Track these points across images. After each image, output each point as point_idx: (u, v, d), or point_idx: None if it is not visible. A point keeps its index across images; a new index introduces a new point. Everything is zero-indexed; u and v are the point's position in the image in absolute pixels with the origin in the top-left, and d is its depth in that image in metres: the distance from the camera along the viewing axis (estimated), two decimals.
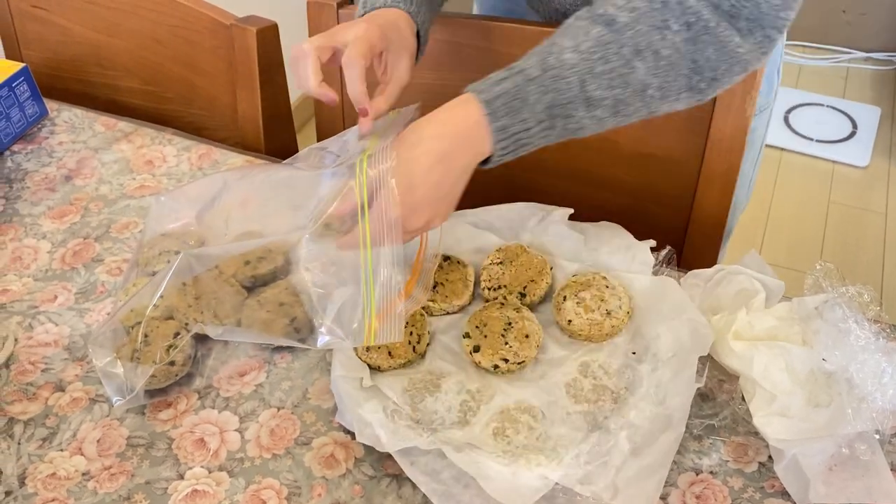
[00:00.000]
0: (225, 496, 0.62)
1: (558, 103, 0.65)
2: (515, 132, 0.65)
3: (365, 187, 0.64)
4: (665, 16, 0.64)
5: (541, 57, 0.65)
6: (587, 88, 0.64)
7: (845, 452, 0.61)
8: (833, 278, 0.68)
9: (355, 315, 0.63)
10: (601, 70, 0.64)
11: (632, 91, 0.65)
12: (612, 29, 0.65)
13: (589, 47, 0.64)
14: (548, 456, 0.61)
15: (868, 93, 2.56)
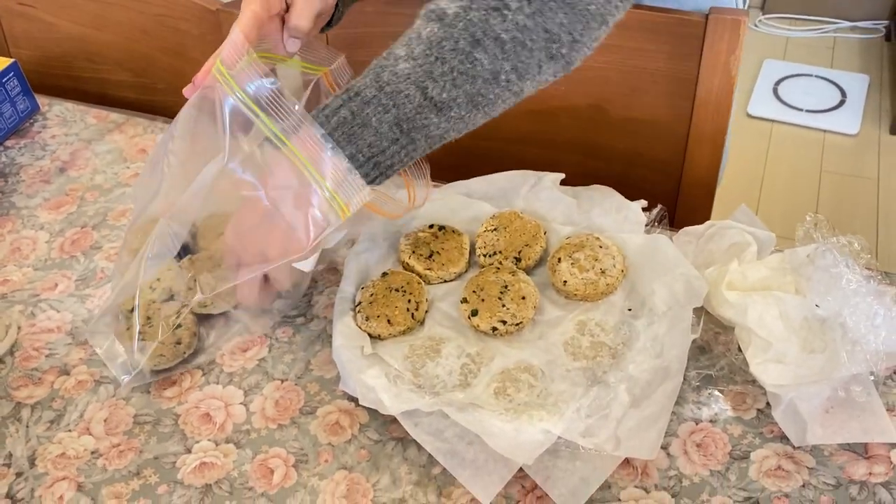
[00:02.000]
0: (233, 467, 0.63)
1: (405, 117, 0.62)
2: (366, 157, 0.63)
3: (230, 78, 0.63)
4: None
5: (375, 74, 0.62)
6: (430, 94, 0.61)
7: (841, 395, 0.62)
8: (824, 229, 0.69)
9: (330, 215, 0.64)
10: (440, 72, 0.60)
11: (483, 81, 0.61)
12: (444, 24, 0.61)
13: (423, 51, 0.61)
14: (549, 411, 0.62)
15: (856, 61, 2.57)
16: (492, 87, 0.62)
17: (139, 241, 0.73)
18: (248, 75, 0.63)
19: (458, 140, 0.81)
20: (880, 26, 2.65)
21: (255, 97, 0.63)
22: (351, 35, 1.01)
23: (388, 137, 0.62)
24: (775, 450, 0.62)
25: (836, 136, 2.29)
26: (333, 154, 0.62)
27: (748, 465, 0.61)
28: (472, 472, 0.59)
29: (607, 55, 0.93)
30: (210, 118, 0.66)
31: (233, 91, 0.63)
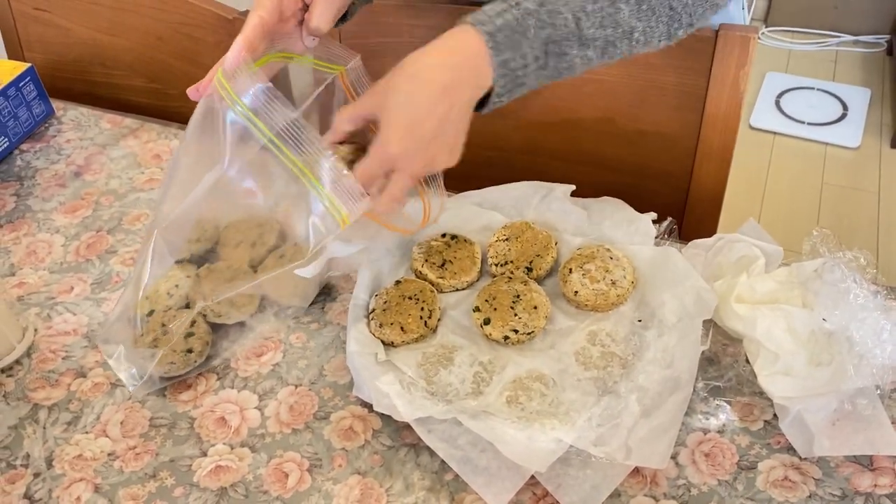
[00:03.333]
0: (248, 470, 0.64)
1: (554, 39, 0.63)
2: (514, 67, 0.63)
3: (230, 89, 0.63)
4: None
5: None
6: (581, 26, 0.63)
7: (847, 408, 0.63)
8: (830, 243, 0.71)
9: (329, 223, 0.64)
10: (591, 9, 0.63)
11: (621, 32, 0.65)
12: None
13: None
14: (561, 420, 0.63)
15: (857, 75, 2.59)
16: (623, 41, 0.65)
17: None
18: (244, 84, 0.63)
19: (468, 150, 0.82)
20: (882, 41, 2.67)
21: (253, 106, 0.63)
22: (365, 45, 1.02)
23: (534, 53, 0.63)
24: (782, 460, 0.63)
25: (838, 149, 2.31)
26: (333, 162, 0.62)
27: (755, 476, 0.62)
28: (485, 478, 0.60)
29: (618, 68, 0.95)
30: (213, 126, 0.67)
31: (232, 102, 0.64)
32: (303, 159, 0.63)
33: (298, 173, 0.63)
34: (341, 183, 0.63)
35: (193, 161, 0.70)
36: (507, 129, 1.02)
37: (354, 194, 0.63)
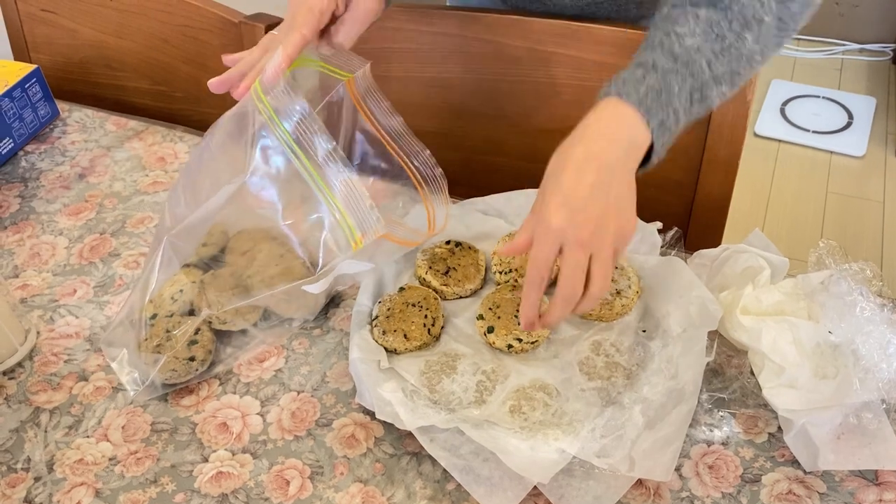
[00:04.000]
0: (249, 477, 0.64)
1: (696, 87, 0.66)
2: (670, 125, 0.65)
3: (269, 106, 0.64)
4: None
5: (665, 49, 0.65)
6: (714, 68, 0.66)
7: (852, 421, 0.63)
8: (836, 255, 0.70)
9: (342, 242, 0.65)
10: (720, 48, 0.66)
11: (745, 61, 0.67)
12: (718, 7, 0.66)
13: (703, 29, 0.66)
14: (564, 430, 0.62)
15: (863, 83, 2.59)
16: (746, 66, 0.68)
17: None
18: (284, 102, 0.64)
19: (473, 157, 0.83)
20: (888, 49, 2.67)
21: (294, 134, 0.64)
22: (370, 50, 1.02)
23: (684, 106, 0.65)
24: (787, 474, 0.62)
25: (843, 158, 2.30)
26: (354, 184, 0.63)
27: (759, 489, 0.61)
28: (487, 488, 0.59)
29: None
30: (242, 133, 0.67)
31: (271, 122, 0.65)
32: (326, 179, 0.64)
33: (316, 189, 0.64)
34: (358, 205, 0.63)
35: (217, 166, 0.71)
36: (513, 136, 1.02)
37: (371, 218, 0.63)
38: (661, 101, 0.64)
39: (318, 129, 0.64)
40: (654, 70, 0.64)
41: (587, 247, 0.60)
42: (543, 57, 0.94)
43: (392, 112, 0.73)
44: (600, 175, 0.61)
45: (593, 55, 0.94)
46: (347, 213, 0.63)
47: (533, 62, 0.96)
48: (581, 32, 0.93)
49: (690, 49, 0.65)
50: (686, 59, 0.65)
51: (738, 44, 0.66)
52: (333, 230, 0.64)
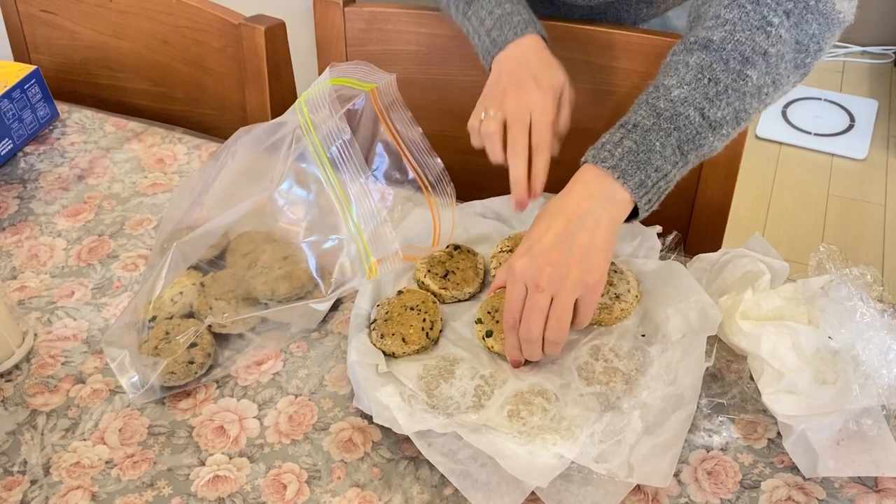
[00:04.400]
0: (246, 481, 0.63)
1: (685, 139, 0.64)
2: (654, 182, 0.64)
3: (312, 127, 0.65)
4: (763, 13, 0.64)
5: (649, 105, 0.65)
6: (707, 115, 0.64)
7: (852, 427, 0.62)
8: (836, 260, 0.70)
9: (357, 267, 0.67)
10: (714, 92, 0.64)
11: (749, 97, 0.65)
12: (710, 50, 0.65)
13: (694, 76, 0.64)
14: (563, 436, 0.62)
15: (865, 86, 2.58)
16: (754, 101, 0.66)
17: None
18: (329, 126, 0.66)
19: (472, 159, 0.82)
20: (890, 52, 2.66)
21: (331, 158, 0.66)
22: (369, 52, 1.02)
23: (670, 161, 0.64)
24: (786, 480, 0.62)
25: (844, 161, 2.30)
26: (382, 218, 0.65)
27: (758, 495, 0.61)
28: (485, 493, 0.59)
29: (624, 79, 0.94)
30: (275, 145, 0.69)
31: (312, 144, 0.67)
32: (353, 209, 0.66)
33: (341, 209, 0.66)
34: (380, 237, 0.65)
35: (243, 174, 0.73)
36: None
37: (389, 251, 0.65)
38: (640, 160, 0.63)
39: (356, 156, 0.65)
40: (634, 130, 0.64)
41: (545, 290, 0.63)
42: None
43: (412, 123, 0.73)
44: (568, 226, 0.63)
45: (592, 57, 0.93)
46: (369, 245, 0.65)
47: None
48: (581, 34, 0.93)
49: (676, 101, 0.64)
50: (670, 114, 0.64)
51: (739, 83, 0.64)
52: (351, 256, 0.66)
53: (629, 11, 0.93)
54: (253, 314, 0.72)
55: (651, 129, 0.64)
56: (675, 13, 0.98)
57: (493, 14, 0.78)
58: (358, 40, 1.01)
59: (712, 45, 0.65)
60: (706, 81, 0.64)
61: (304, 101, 0.68)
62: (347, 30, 1.01)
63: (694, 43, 0.66)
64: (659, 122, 0.64)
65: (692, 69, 0.65)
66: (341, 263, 0.66)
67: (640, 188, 0.64)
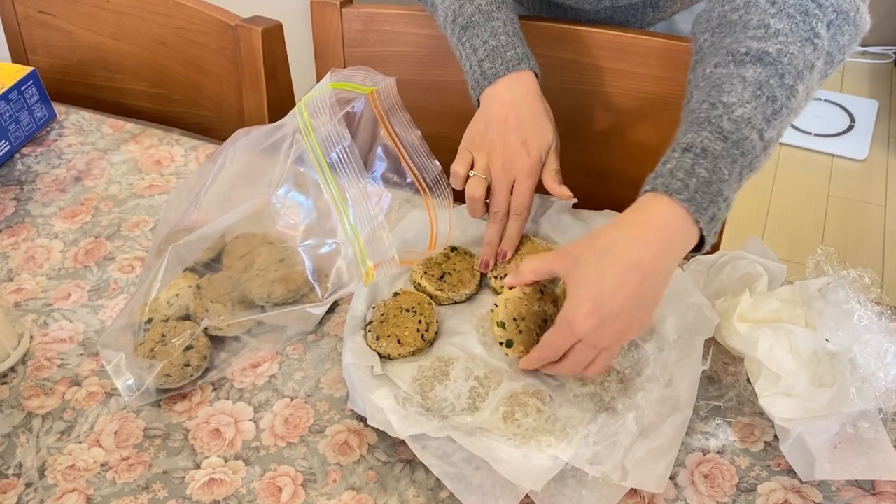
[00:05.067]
0: (241, 484, 0.63)
1: (746, 164, 0.60)
2: (721, 215, 0.60)
3: (311, 131, 0.65)
4: (811, 24, 0.61)
5: (713, 125, 0.60)
6: (765, 136, 0.60)
7: (849, 431, 0.62)
8: (834, 262, 0.70)
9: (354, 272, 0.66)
10: (772, 111, 0.60)
11: (794, 114, 0.62)
12: (765, 63, 0.61)
13: (753, 93, 0.60)
14: (557, 437, 0.62)
15: (865, 86, 2.58)
16: (791, 117, 0.62)
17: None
18: (329, 131, 0.66)
19: None
20: (890, 52, 2.66)
21: (331, 162, 0.66)
22: (367, 53, 1.02)
23: (734, 189, 0.60)
24: (783, 483, 0.62)
25: (844, 161, 2.30)
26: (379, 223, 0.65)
27: (755, 498, 0.61)
28: (479, 497, 0.59)
29: (622, 81, 0.94)
30: (275, 148, 0.69)
31: (312, 149, 0.66)
32: (350, 213, 0.66)
33: (340, 216, 0.66)
34: (376, 241, 0.65)
35: (240, 177, 0.73)
36: None
37: (386, 256, 0.65)
38: (712, 191, 0.58)
39: (355, 161, 0.65)
40: (703, 156, 0.59)
41: (601, 349, 0.61)
42: (546, 62, 0.94)
43: (411, 126, 0.73)
44: (642, 287, 0.58)
45: (599, 61, 0.93)
46: (366, 250, 0.65)
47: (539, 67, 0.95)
48: (588, 38, 0.92)
49: (740, 122, 0.59)
50: (737, 138, 0.59)
51: (790, 101, 0.60)
52: (348, 261, 0.66)
53: (636, 16, 0.93)
54: (249, 318, 0.72)
55: (721, 155, 0.59)
56: (681, 17, 0.97)
57: (487, 45, 0.75)
58: (355, 41, 1.01)
59: (767, 57, 0.60)
60: (765, 99, 0.60)
61: (304, 104, 0.68)
62: (345, 31, 1.00)
63: (746, 55, 0.61)
64: (727, 146, 0.59)
65: (750, 85, 0.60)
66: (338, 268, 0.66)
67: (711, 223, 0.59)
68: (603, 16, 0.93)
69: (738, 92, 0.60)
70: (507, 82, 0.75)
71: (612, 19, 0.93)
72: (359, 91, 0.74)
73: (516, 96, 0.74)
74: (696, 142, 0.60)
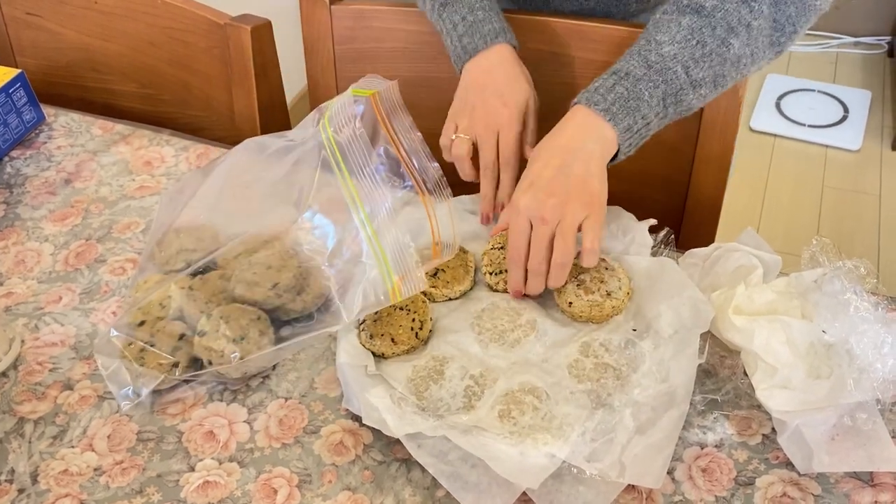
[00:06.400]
0: (236, 486, 0.63)
1: (670, 93, 0.70)
2: (638, 128, 0.70)
3: (335, 146, 0.66)
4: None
5: (641, 56, 0.70)
6: (691, 73, 0.69)
7: (847, 422, 0.62)
8: (829, 252, 0.69)
9: (379, 287, 0.66)
10: (700, 54, 0.69)
11: (729, 65, 0.70)
12: (702, 15, 0.70)
13: (684, 36, 0.70)
14: (554, 435, 0.61)
15: (858, 77, 2.58)
16: (732, 69, 0.71)
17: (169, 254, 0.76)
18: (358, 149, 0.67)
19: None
20: (883, 42, 2.66)
21: (359, 188, 0.66)
22: (358, 49, 1.01)
23: (654, 111, 0.70)
24: (781, 476, 0.61)
25: (839, 152, 2.30)
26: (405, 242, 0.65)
27: (753, 492, 0.60)
28: (475, 495, 0.59)
29: None
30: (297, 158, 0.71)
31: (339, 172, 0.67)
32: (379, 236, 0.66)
33: (368, 240, 0.66)
34: (405, 261, 0.65)
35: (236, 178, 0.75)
36: None
37: (414, 277, 0.65)
38: (629, 106, 0.69)
39: (382, 183, 0.66)
40: (626, 78, 0.69)
41: (550, 220, 0.67)
42: (533, 56, 0.94)
43: (412, 129, 0.74)
44: (565, 158, 0.68)
45: (583, 53, 0.93)
46: (393, 270, 0.66)
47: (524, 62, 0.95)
48: (571, 30, 0.92)
49: (667, 56, 0.69)
50: (660, 67, 0.69)
51: (722, 49, 0.69)
52: (374, 281, 0.66)
53: (619, 7, 0.93)
54: (270, 350, 0.69)
55: (641, 78, 0.69)
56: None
57: (465, 20, 0.81)
58: (345, 38, 1.01)
59: (703, 10, 0.69)
60: (694, 43, 0.69)
61: (328, 120, 0.68)
62: (334, 28, 1.00)
63: (687, 6, 0.71)
64: (649, 73, 0.69)
65: (683, 29, 0.69)
66: (363, 290, 0.66)
67: (626, 132, 0.69)
68: (586, 8, 0.93)
69: (671, 33, 0.70)
70: (485, 54, 0.80)
71: (594, 11, 0.94)
72: (361, 94, 0.74)
73: (493, 62, 0.80)
74: (622, 67, 0.71)
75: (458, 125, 0.80)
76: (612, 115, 0.68)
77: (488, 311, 0.72)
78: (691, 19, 0.70)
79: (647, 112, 0.69)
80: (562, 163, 0.68)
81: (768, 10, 0.70)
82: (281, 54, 1.04)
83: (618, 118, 0.69)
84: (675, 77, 0.69)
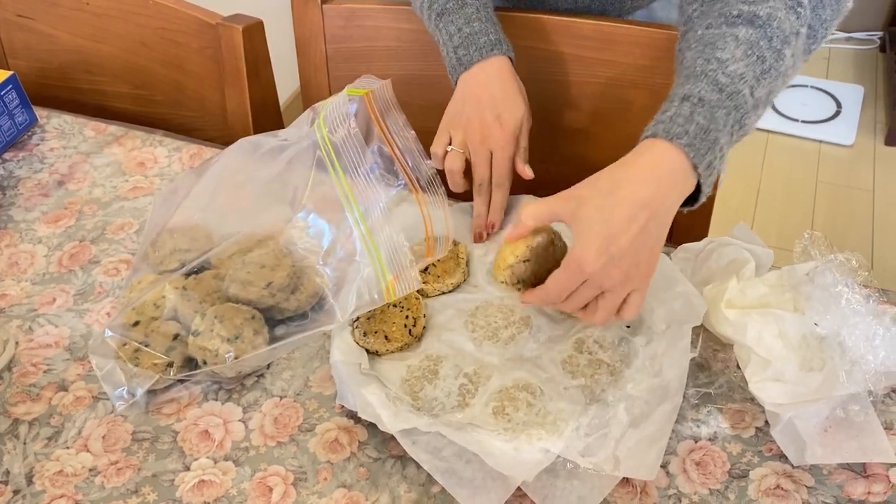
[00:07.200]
0: (232, 485, 0.63)
1: (738, 119, 0.62)
2: (716, 165, 0.62)
3: (330, 146, 0.66)
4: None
5: (709, 78, 0.62)
6: (755, 93, 0.62)
7: (839, 414, 0.62)
8: (821, 246, 0.70)
9: (373, 286, 0.66)
10: (761, 70, 0.62)
11: (781, 80, 0.64)
12: (756, 25, 0.63)
13: (744, 52, 0.62)
14: (548, 430, 0.62)
15: (851, 72, 2.59)
16: (782, 85, 0.65)
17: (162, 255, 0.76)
18: (353, 149, 0.67)
19: None
20: (875, 37, 2.67)
21: (351, 183, 0.67)
22: (351, 48, 1.01)
23: (727, 140, 0.62)
24: (774, 468, 0.62)
25: (832, 147, 2.30)
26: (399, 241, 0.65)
27: (747, 484, 0.61)
28: (470, 491, 0.59)
29: (607, 70, 0.94)
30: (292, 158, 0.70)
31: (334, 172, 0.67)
32: (374, 236, 0.66)
33: (362, 239, 0.66)
34: (399, 260, 0.65)
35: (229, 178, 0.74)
36: None
37: (408, 276, 0.65)
38: (710, 139, 0.60)
39: (376, 182, 0.66)
40: (702, 104, 0.60)
41: (605, 290, 0.61)
42: (527, 54, 0.94)
43: (406, 127, 0.74)
44: (648, 225, 0.59)
45: (579, 50, 0.93)
46: (387, 269, 0.66)
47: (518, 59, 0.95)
48: (568, 27, 0.92)
49: (734, 77, 0.61)
50: (731, 90, 0.61)
51: (778, 63, 0.63)
52: (369, 280, 0.66)
53: (614, 4, 0.93)
54: (265, 349, 0.69)
55: (717, 105, 0.61)
56: (659, 5, 0.97)
57: (461, 31, 0.79)
58: (337, 38, 1.01)
59: (758, 20, 0.63)
60: (755, 59, 0.62)
61: (323, 121, 0.69)
62: (326, 27, 1.00)
63: (738, 17, 0.64)
64: (722, 97, 0.61)
65: (742, 44, 0.62)
66: (357, 289, 0.66)
67: (707, 170, 0.61)
68: (581, 5, 0.93)
69: (730, 49, 0.62)
70: (481, 66, 0.79)
71: (590, 8, 0.94)
72: (355, 94, 0.74)
73: (490, 75, 0.78)
74: (694, 92, 0.61)
75: (452, 137, 0.79)
76: (696, 150, 0.59)
77: (482, 308, 0.73)
78: (748, 32, 0.62)
79: (723, 143, 0.61)
80: (642, 229, 0.59)
81: (810, 14, 0.65)
82: (273, 54, 1.04)
83: (700, 154, 0.59)
84: (744, 101, 0.61)
